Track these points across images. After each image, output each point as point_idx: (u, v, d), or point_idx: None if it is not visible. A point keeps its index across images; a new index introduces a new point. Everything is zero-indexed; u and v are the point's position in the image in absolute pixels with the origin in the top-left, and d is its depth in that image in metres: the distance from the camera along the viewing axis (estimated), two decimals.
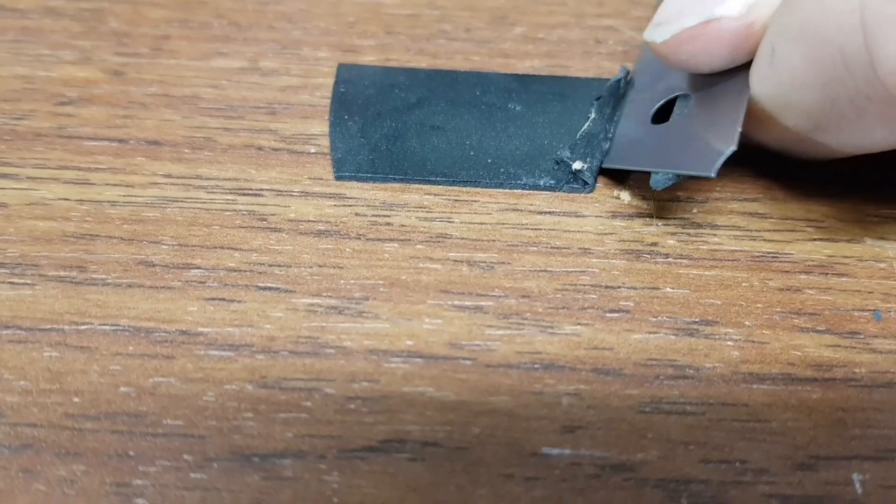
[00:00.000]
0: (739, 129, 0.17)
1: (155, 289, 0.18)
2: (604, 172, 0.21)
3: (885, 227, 0.20)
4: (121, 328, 0.17)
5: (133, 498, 0.15)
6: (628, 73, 0.22)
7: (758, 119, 0.19)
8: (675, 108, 0.20)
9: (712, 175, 0.17)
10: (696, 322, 0.18)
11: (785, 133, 0.19)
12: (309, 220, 0.20)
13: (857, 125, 0.17)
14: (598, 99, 0.22)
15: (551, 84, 0.23)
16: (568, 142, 0.21)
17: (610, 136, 0.21)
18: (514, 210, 0.20)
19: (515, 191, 0.20)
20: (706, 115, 0.19)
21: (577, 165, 0.20)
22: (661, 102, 0.20)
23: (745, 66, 0.18)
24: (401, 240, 0.19)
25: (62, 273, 0.18)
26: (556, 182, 0.20)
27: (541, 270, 0.19)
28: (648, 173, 0.19)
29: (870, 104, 0.16)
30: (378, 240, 0.19)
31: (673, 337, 0.18)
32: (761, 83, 0.18)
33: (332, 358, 0.17)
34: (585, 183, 0.20)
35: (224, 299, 0.18)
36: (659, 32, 0.19)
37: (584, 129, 0.21)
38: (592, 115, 0.21)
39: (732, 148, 0.17)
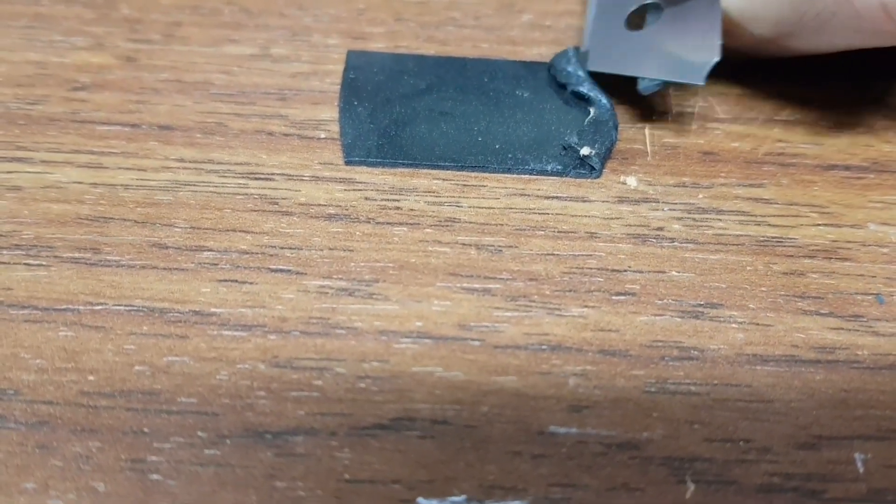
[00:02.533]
0: (720, 42, 0.20)
1: (168, 270, 0.18)
2: (611, 158, 0.21)
3: (888, 212, 0.20)
4: (135, 308, 0.18)
5: (148, 473, 0.16)
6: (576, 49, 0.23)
7: (726, 28, 0.20)
8: (647, 17, 0.21)
9: (701, 83, 0.20)
10: (701, 305, 0.18)
11: (750, 39, 0.20)
12: (319, 204, 0.20)
13: (819, 35, 0.19)
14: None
15: None
16: (575, 128, 0.21)
17: (618, 123, 0.21)
18: (522, 195, 0.20)
19: (523, 176, 0.21)
20: (683, 25, 0.20)
21: (584, 151, 0.20)
22: (633, 9, 0.21)
23: None
24: (410, 223, 0.20)
25: (77, 254, 0.19)
26: (564, 167, 0.21)
27: (548, 254, 0.19)
28: (633, 78, 0.21)
29: (834, 18, 0.18)
30: (387, 223, 0.20)
31: (678, 319, 0.18)
32: None
33: (343, 338, 0.18)
34: (593, 168, 0.21)
35: (236, 281, 0.18)
36: None
37: (591, 115, 0.21)
38: (602, 100, 0.21)
39: (716, 58, 0.20)
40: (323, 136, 0.21)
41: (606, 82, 0.22)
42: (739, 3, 0.19)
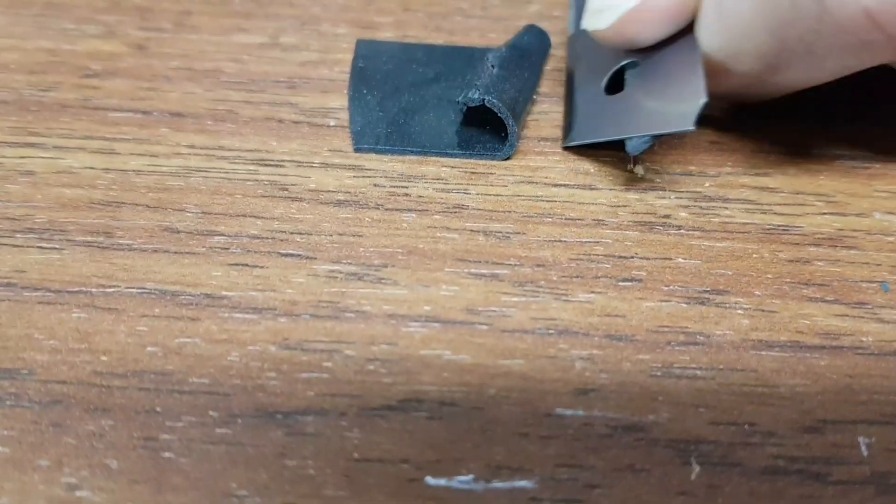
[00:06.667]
0: (704, 81, 0.18)
1: (180, 254, 0.19)
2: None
3: (893, 201, 0.20)
4: (147, 291, 0.18)
5: (160, 451, 0.16)
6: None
7: (711, 71, 0.19)
8: (626, 77, 0.20)
9: (692, 128, 0.18)
10: (707, 291, 0.19)
11: (736, 79, 0.19)
12: (329, 191, 0.20)
13: (808, 61, 0.18)
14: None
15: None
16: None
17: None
18: (530, 182, 0.20)
19: (531, 164, 0.21)
20: (663, 76, 0.19)
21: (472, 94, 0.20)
22: (611, 74, 0.21)
23: (688, 25, 0.19)
24: (418, 210, 0.20)
25: (89, 238, 0.19)
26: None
27: (555, 240, 0.19)
28: (610, 145, 0.20)
29: (819, 39, 0.17)
30: (396, 210, 0.20)
31: (684, 305, 0.18)
32: (711, 36, 0.18)
33: (352, 322, 0.18)
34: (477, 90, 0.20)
35: (247, 265, 0.19)
36: (601, 20, 0.19)
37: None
38: (495, 70, 0.21)
39: (704, 99, 0.18)
40: (332, 123, 0.22)
41: None
42: (719, 41, 0.18)
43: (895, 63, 0.19)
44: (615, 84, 0.21)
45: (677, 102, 0.18)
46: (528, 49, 0.22)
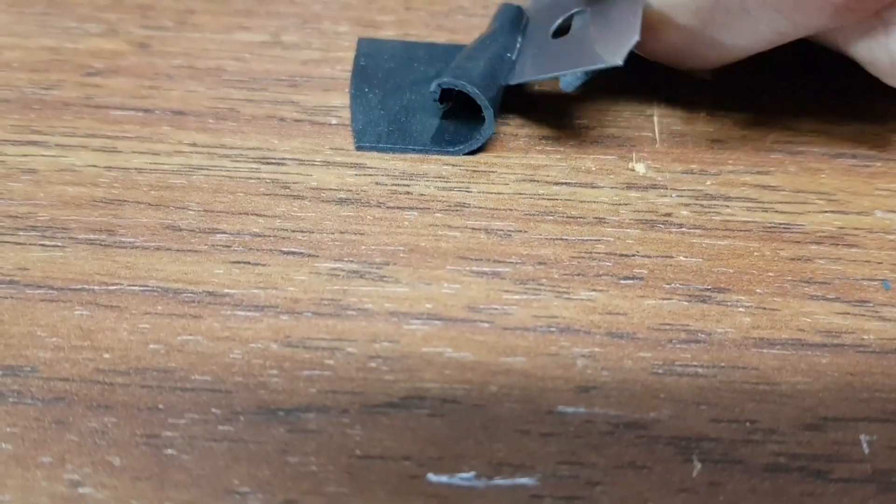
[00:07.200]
0: (640, 22, 0.18)
1: (182, 252, 0.19)
2: (614, 135, 0.21)
3: (894, 199, 0.20)
4: (149, 289, 0.18)
5: (163, 448, 0.16)
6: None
7: (650, 23, 0.19)
8: (573, 23, 0.21)
9: (620, 62, 0.18)
10: (708, 289, 0.19)
11: (677, 35, 0.20)
12: (330, 189, 0.20)
13: (742, 20, 0.18)
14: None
15: None
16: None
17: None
18: (531, 181, 0.21)
19: (532, 162, 0.21)
20: (605, 20, 0.20)
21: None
22: (560, 20, 0.21)
23: None
24: (420, 208, 0.20)
25: (92, 236, 0.19)
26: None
27: (557, 239, 0.19)
28: (549, 86, 0.21)
29: None
30: (398, 208, 0.20)
31: (686, 303, 0.18)
32: None
33: (354, 319, 0.18)
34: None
35: (249, 262, 0.19)
36: None
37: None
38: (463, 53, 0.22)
39: (636, 37, 0.18)
40: (334, 121, 0.22)
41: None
42: None
43: (827, 38, 0.19)
44: (564, 32, 0.21)
45: (612, 41, 0.19)
46: (501, 24, 0.22)
